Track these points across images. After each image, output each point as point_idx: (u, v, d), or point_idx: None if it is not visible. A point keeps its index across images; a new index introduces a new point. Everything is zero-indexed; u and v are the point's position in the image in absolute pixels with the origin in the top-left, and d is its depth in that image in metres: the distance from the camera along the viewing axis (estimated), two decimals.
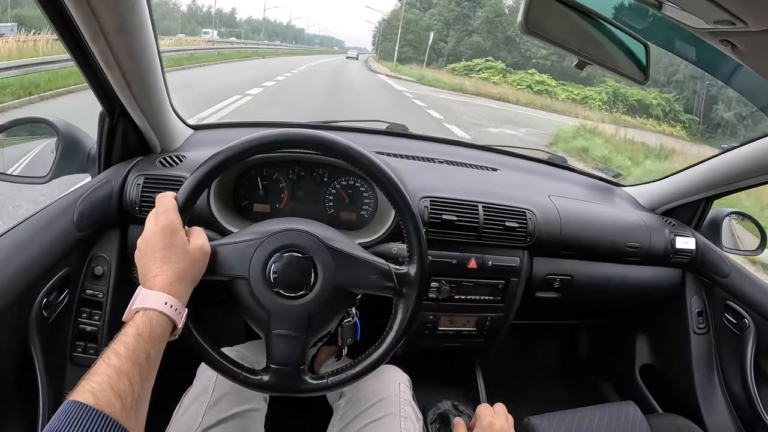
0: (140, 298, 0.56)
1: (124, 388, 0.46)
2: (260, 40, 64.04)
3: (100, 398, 0.44)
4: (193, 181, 0.66)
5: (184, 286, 0.59)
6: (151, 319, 0.54)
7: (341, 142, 0.69)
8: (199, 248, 0.62)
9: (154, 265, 0.59)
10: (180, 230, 0.62)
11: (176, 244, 0.60)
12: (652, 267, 1.25)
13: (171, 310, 0.56)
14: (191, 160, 1.01)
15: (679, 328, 1.31)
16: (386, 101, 12.73)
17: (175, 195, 0.65)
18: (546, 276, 1.14)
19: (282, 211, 1.06)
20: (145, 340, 0.51)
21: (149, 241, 0.60)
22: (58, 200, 0.88)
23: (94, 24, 0.69)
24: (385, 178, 0.69)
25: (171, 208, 0.63)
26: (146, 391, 0.50)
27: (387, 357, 0.71)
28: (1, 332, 0.70)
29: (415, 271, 0.70)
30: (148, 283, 0.57)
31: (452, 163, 1.25)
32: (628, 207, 1.32)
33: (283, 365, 0.67)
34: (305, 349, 0.68)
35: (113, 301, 0.94)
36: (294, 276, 0.66)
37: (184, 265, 0.60)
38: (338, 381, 0.69)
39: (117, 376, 0.46)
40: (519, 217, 1.06)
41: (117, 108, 0.93)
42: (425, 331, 1.11)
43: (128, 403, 0.46)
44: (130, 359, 0.49)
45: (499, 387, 1.28)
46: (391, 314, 0.72)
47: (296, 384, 0.68)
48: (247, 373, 0.68)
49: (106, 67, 0.79)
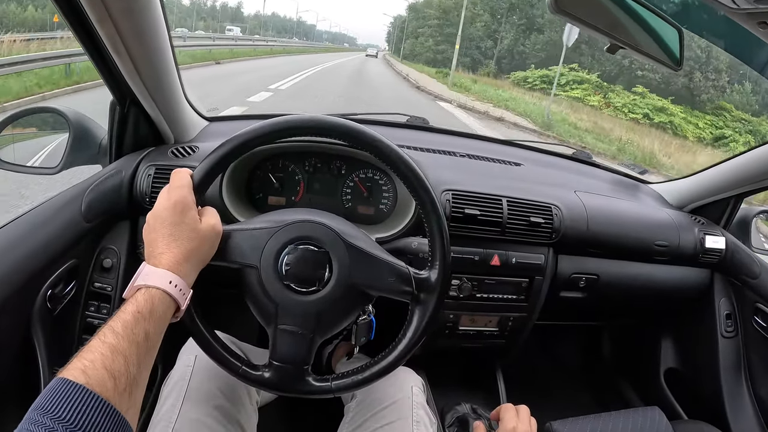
0: (143, 274, 0.53)
1: (118, 367, 0.43)
2: (268, 37, 61.27)
3: (91, 377, 0.41)
4: (213, 159, 0.63)
5: (191, 267, 0.56)
6: (153, 297, 0.51)
7: (369, 133, 0.66)
8: (210, 228, 0.59)
9: (162, 242, 0.56)
10: (192, 208, 0.59)
11: (186, 221, 0.57)
12: (680, 267, 1.21)
13: (175, 289, 0.53)
14: (204, 150, 0.99)
15: (706, 331, 1.26)
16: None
17: (191, 172, 0.62)
18: (571, 275, 1.10)
19: (297, 204, 1.03)
20: (145, 319, 0.48)
21: (159, 215, 0.57)
22: (66, 190, 0.86)
23: (100, 5, 0.67)
24: (413, 175, 0.66)
25: (185, 184, 0.60)
26: (143, 373, 0.47)
27: (398, 364, 0.67)
28: (2, 324, 0.68)
29: (436, 277, 0.66)
30: (154, 260, 0.54)
31: (474, 156, 1.22)
32: (656, 204, 1.28)
33: (286, 363, 0.64)
34: (311, 348, 0.65)
35: (122, 294, 0.92)
36: (307, 270, 0.63)
37: (193, 245, 0.57)
38: (342, 386, 0.66)
39: (112, 354, 0.43)
40: (544, 213, 1.02)
41: (128, 97, 0.91)
42: (445, 331, 1.08)
43: (122, 383, 0.43)
44: (128, 338, 0.46)
45: (520, 390, 1.24)
46: (406, 320, 0.68)
47: (298, 384, 0.65)
48: (247, 367, 0.65)
49: (115, 52, 0.77)
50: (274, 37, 68.14)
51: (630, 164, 1.69)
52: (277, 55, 27.87)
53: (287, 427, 1.22)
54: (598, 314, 1.41)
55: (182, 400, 0.72)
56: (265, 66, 17.42)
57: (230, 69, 14.15)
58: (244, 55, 20.57)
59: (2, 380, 0.71)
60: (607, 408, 1.01)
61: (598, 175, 1.37)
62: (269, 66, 17.60)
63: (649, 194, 1.33)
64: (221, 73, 12.50)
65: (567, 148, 1.45)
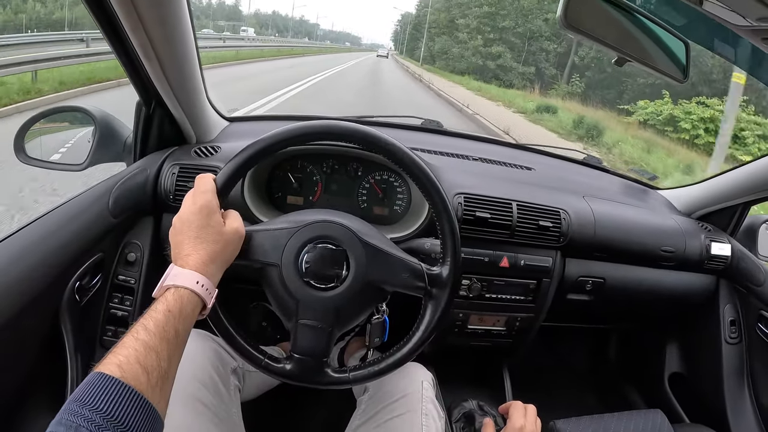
0: (172, 275, 0.55)
1: (151, 362, 0.46)
2: (267, 36, 58.74)
3: (126, 371, 0.44)
4: (234, 165, 0.66)
5: (216, 267, 0.59)
6: (182, 296, 0.54)
7: (384, 138, 0.69)
8: (234, 231, 0.63)
9: (188, 244, 0.59)
10: (217, 211, 0.62)
11: (212, 224, 0.60)
12: (686, 273, 1.22)
13: (202, 289, 0.56)
14: (226, 150, 1.02)
15: (710, 337, 1.27)
16: None
17: (214, 177, 0.66)
18: (578, 278, 1.12)
19: (315, 204, 1.06)
20: (175, 317, 0.51)
21: (185, 219, 0.60)
22: (94, 186, 0.89)
23: (134, 15, 0.70)
24: (426, 178, 0.69)
25: (210, 189, 0.63)
26: (173, 368, 0.50)
27: (411, 357, 0.70)
28: (34, 313, 0.72)
29: (448, 273, 0.69)
30: (181, 261, 0.57)
31: (486, 160, 1.24)
32: (664, 210, 1.29)
33: (306, 355, 0.67)
34: (330, 341, 0.68)
35: (145, 288, 0.95)
36: (325, 268, 0.66)
37: (218, 246, 0.60)
38: (360, 376, 0.69)
39: (145, 350, 0.46)
40: (553, 217, 1.04)
41: (154, 98, 0.94)
42: (454, 329, 1.10)
43: (154, 378, 0.45)
44: (159, 335, 0.48)
45: (526, 388, 1.26)
46: (419, 314, 0.71)
47: (318, 376, 0.68)
48: (270, 360, 0.68)
49: (145, 58, 0.81)
50: (276, 37, 65.85)
51: (639, 170, 1.69)
52: (284, 56, 25.77)
53: (299, 419, 1.25)
54: (604, 317, 1.42)
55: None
56: (263, 70, 15.16)
57: (231, 73, 13.00)
58: (249, 57, 19.87)
59: (32, 365, 0.75)
60: (611, 409, 1.03)
61: (608, 181, 1.38)
62: (267, 70, 15.31)
63: (658, 200, 1.34)
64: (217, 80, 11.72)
65: (578, 153, 1.46)
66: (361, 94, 12.30)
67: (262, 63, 17.56)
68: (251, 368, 0.90)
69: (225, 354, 0.86)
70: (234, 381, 0.85)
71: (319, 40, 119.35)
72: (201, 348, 0.83)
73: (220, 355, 0.85)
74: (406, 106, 11.43)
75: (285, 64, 18.84)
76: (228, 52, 15.82)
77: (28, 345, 0.74)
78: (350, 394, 0.98)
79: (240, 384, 0.87)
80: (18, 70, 6.67)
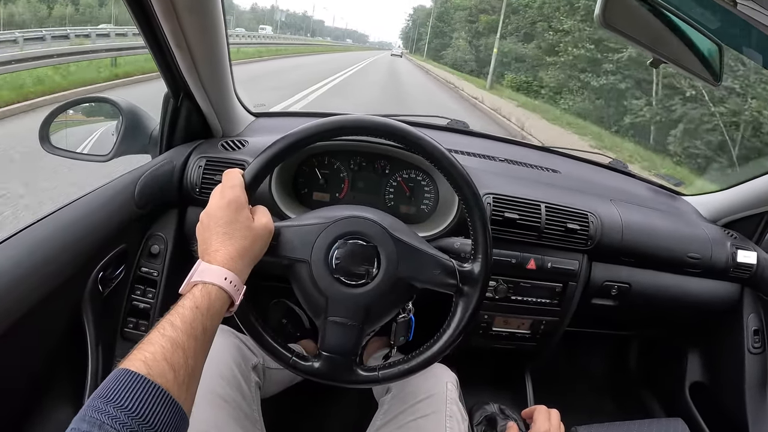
0: (200, 271, 0.54)
1: (177, 360, 0.45)
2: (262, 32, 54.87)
3: (152, 368, 0.42)
4: (264, 159, 0.65)
5: (244, 263, 0.58)
6: (210, 293, 0.52)
7: (413, 132, 0.68)
8: (263, 226, 0.61)
9: (216, 240, 0.57)
10: (245, 207, 0.61)
11: (240, 220, 0.59)
12: (710, 280, 1.21)
13: (230, 285, 0.54)
14: (253, 145, 1.02)
15: (733, 346, 1.26)
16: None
17: (243, 172, 0.65)
18: (604, 282, 1.11)
19: (342, 200, 1.06)
20: (202, 314, 0.50)
21: (213, 215, 0.59)
22: (120, 177, 0.89)
23: (167, 1, 0.70)
24: (456, 173, 0.68)
25: (238, 184, 0.62)
26: (199, 366, 0.49)
27: (441, 356, 0.69)
28: (56, 302, 0.72)
29: (479, 270, 0.68)
30: (209, 257, 0.56)
31: (513, 162, 1.23)
32: (690, 217, 1.27)
33: (335, 353, 0.66)
34: (360, 339, 0.67)
35: (167, 280, 0.95)
36: (356, 264, 0.65)
37: (246, 242, 0.58)
38: (389, 375, 0.68)
39: (172, 347, 0.45)
40: (581, 220, 1.03)
41: (182, 90, 0.94)
42: (479, 331, 1.10)
43: (181, 376, 0.44)
44: (186, 332, 0.47)
45: (547, 393, 1.25)
46: (450, 312, 0.70)
47: (347, 374, 0.67)
48: (298, 358, 0.67)
49: (176, 47, 0.81)
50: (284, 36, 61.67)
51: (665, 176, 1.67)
52: (289, 55, 23.65)
53: (320, 418, 1.25)
54: (627, 323, 1.41)
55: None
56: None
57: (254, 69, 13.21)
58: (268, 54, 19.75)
59: (53, 354, 0.75)
60: (631, 417, 1.02)
61: (634, 185, 1.37)
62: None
63: (683, 206, 1.33)
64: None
65: (603, 157, 1.45)
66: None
67: (281, 60, 17.54)
68: (272, 365, 0.89)
69: (247, 350, 0.85)
70: (255, 377, 0.84)
71: (318, 36, 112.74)
72: (224, 344, 0.82)
73: (242, 352, 0.84)
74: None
75: (293, 63, 18.77)
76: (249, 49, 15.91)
77: (50, 334, 0.74)
78: (371, 394, 0.97)
79: (261, 381, 0.87)
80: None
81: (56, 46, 9.05)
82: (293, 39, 34.28)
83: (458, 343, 0.69)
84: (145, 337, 0.46)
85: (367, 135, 0.69)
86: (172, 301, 0.52)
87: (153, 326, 0.48)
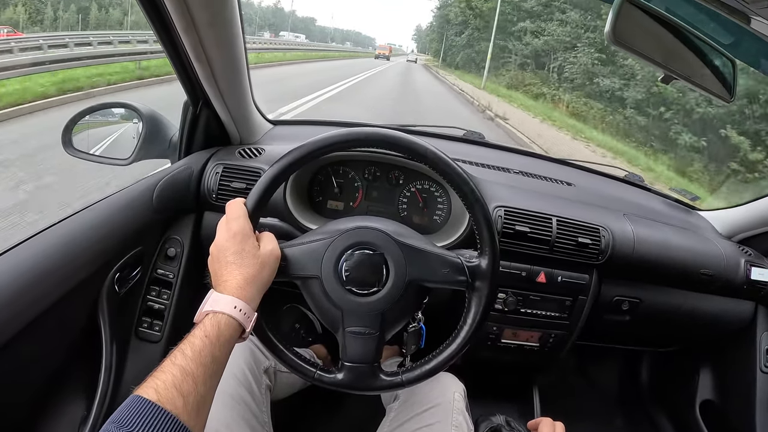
0: (211, 301, 0.57)
1: (187, 387, 0.47)
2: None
3: (162, 395, 0.45)
4: (260, 187, 0.67)
5: (254, 290, 0.60)
6: (219, 322, 0.55)
7: (404, 137, 0.68)
8: (269, 252, 0.63)
9: (226, 270, 0.60)
10: (251, 236, 0.63)
11: (247, 249, 0.61)
12: (724, 297, 1.19)
13: (240, 314, 0.57)
14: (270, 153, 1.04)
15: (745, 365, 1.24)
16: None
17: (244, 201, 0.66)
18: (614, 297, 1.11)
19: (355, 210, 1.07)
20: (212, 343, 0.52)
21: (221, 247, 0.62)
22: (140, 181, 0.92)
23: (187, 16, 0.72)
24: (452, 171, 0.68)
25: (242, 215, 0.64)
26: (210, 393, 0.51)
27: (461, 352, 0.69)
28: (74, 300, 0.74)
29: (487, 263, 0.69)
30: (220, 287, 0.59)
31: (527, 174, 1.23)
32: (705, 232, 1.25)
33: (357, 363, 0.67)
34: (380, 345, 0.68)
35: (183, 283, 0.97)
36: (366, 273, 0.66)
37: (254, 270, 0.61)
38: (413, 377, 0.69)
39: (182, 375, 0.48)
40: (592, 234, 1.03)
41: (201, 98, 0.97)
42: (487, 342, 1.10)
43: (190, 402, 0.47)
44: (196, 360, 0.50)
45: (554, 407, 1.24)
46: (465, 308, 0.70)
47: (371, 381, 0.68)
48: (321, 371, 0.69)
49: (196, 59, 0.83)
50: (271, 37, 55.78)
51: (680, 190, 1.64)
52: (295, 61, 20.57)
53: (328, 422, 1.26)
54: (638, 339, 1.39)
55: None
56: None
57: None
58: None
59: (68, 352, 0.77)
60: None
61: (648, 199, 1.36)
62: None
63: (698, 221, 1.31)
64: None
65: (619, 170, 1.43)
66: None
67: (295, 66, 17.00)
68: (283, 368, 0.91)
69: (259, 353, 0.87)
70: (266, 380, 0.86)
71: (318, 41, 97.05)
72: (237, 346, 0.84)
73: (255, 354, 0.86)
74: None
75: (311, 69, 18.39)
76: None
77: (68, 329, 0.76)
78: (379, 400, 0.98)
79: (271, 383, 0.89)
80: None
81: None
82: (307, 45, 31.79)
83: (459, 357, 0.70)
84: (158, 365, 0.49)
85: (362, 147, 0.70)
86: (186, 303, 0.54)
87: (167, 327, 0.51)
